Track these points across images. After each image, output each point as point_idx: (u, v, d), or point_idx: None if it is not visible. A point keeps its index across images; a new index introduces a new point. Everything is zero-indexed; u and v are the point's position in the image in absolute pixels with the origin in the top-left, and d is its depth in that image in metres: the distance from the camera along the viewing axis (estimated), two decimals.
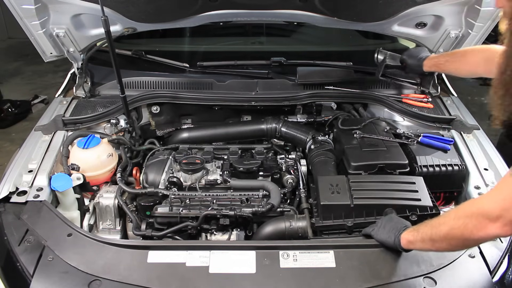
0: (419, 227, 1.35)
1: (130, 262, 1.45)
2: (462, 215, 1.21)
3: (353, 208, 1.65)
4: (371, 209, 1.65)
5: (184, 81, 2.47)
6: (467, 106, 2.38)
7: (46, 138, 2.07)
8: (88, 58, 2.39)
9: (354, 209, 1.65)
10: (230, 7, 2.12)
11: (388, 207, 1.64)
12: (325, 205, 1.66)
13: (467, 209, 1.23)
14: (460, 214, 1.23)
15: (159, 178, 1.95)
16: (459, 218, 1.21)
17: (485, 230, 1.15)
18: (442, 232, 1.25)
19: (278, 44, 3.03)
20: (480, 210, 1.16)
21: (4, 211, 1.65)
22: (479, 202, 1.24)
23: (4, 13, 7.12)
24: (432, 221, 1.32)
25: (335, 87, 2.43)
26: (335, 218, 1.66)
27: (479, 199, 1.28)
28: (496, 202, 1.14)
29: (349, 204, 1.65)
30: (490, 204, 1.15)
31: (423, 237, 1.32)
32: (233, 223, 1.78)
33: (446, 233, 1.24)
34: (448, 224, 1.24)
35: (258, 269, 1.42)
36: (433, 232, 1.27)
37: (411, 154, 1.98)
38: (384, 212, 1.63)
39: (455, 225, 1.21)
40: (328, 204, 1.66)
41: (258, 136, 2.33)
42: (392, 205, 1.64)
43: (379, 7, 2.10)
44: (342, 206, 1.65)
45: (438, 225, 1.27)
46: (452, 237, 1.23)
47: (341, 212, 1.66)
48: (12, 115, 5.04)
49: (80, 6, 2.07)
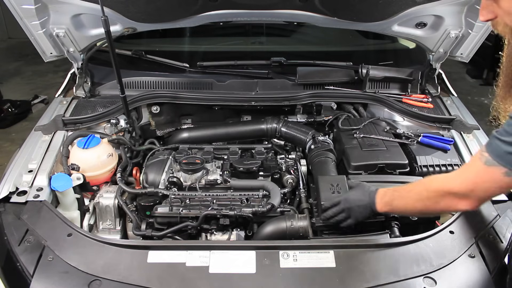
0: (392, 202, 1.48)
1: (130, 262, 1.45)
2: (433, 194, 1.34)
3: None
4: None
5: (184, 81, 2.47)
6: (467, 106, 2.38)
7: (46, 138, 2.07)
8: (88, 58, 2.39)
9: None
10: (230, 7, 2.12)
11: None
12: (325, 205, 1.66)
13: (438, 188, 1.34)
14: (432, 193, 1.35)
15: (159, 178, 1.95)
16: (430, 197, 1.35)
17: (455, 207, 1.32)
18: (417, 208, 1.43)
19: (278, 44, 3.03)
20: (450, 190, 1.29)
21: (4, 211, 1.65)
22: (448, 182, 1.32)
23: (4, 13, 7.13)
24: (403, 195, 1.46)
25: (335, 87, 2.43)
26: None
27: (448, 179, 1.35)
28: (463, 183, 1.26)
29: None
30: (459, 185, 1.27)
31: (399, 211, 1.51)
32: (233, 223, 1.78)
33: (421, 209, 1.42)
34: (422, 201, 1.38)
35: (258, 269, 1.42)
36: (408, 208, 1.45)
37: (411, 154, 1.98)
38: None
39: (428, 204, 1.37)
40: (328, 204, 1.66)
41: (258, 136, 2.33)
42: None
43: (379, 7, 2.09)
44: None
45: (413, 202, 1.42)
46: (426, 212, 1.46)
47: None
48: (12, 115, 5.04)
49: (80, 6, 2.07)
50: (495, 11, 1.18)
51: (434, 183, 1.37)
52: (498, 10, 1.17)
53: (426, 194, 1.37)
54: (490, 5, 1.18)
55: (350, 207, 1.57)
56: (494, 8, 1.18)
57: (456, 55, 2.37)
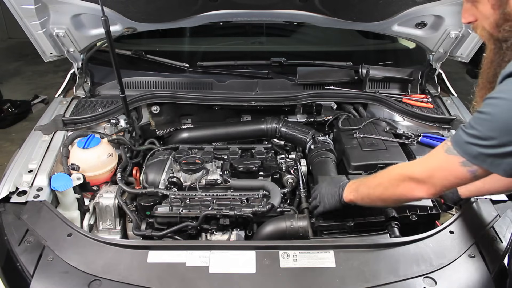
0: (358, 188, 1.54)
1: (130, 262, 1.45)
2: (394, 178, 1.38)
3: (353, 208, 1.64)
4: (371, 209, 1.64)
5: (184, 81, 2.47)
6: (467, 106, 2.38)
7: (46, 138, 2.07)
8: (88, 58, 2.39)
9: (354, 209, 1.64)
10: (230, 7, 2.12)
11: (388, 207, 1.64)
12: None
13: (399, 172, 1.38)
14: (392, 176, 1.39)
15: (159, 178, 1.95)
16: (391, 180, 1.39)
17: (413, 192, 1.32)
18: (377, 192, 1.44)
19: (278, 44, 3.03)
20: (410, 175, 1.32)
21: (4, 211, 1.65)
22: (409, 167, 1.38)
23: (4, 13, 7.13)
24: (368, 182, 1.51)
25: (335, 87, 2.43)
26: (335, 218, 1.66)
27: (410, 165, 1.42)
28: (423, 169, 1.29)
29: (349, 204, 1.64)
30: (419, 171, 1.30)
31: (362, 197, 1.52)
32: (233, 223, 1.78)
33: (381, 193, 1.43)
34: (382, 185, 1.42)
35: (258, 269, 1.42)
36: (370, 192, 1.48)
37: (411, 154, 1.98)
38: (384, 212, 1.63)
39: (388, 187, 1.40)
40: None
41: (258, 136, 2.33)
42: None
43: (379, 7, 2.09)
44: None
45: (374, 186, 1.46)
46: (385, 197, 1.43)
47: (341, 212, 1.65)
48: (12, 115, 5.04)
49: (80, 6, 2.07)
50: (475, 14, 1.24)
51: (397, 168, 1.42)
52: (478, 14, 1.23)
53: (388, 178, 1.41)
54: (470, 8, 1.24)
55: (321, 195, 1.65)
56: (474, 11, 1.23)
57: (456, 55, 2.37)
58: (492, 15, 1.18)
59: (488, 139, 1.10)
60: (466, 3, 1.25)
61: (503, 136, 1.08)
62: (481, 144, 1.12)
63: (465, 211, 1.62)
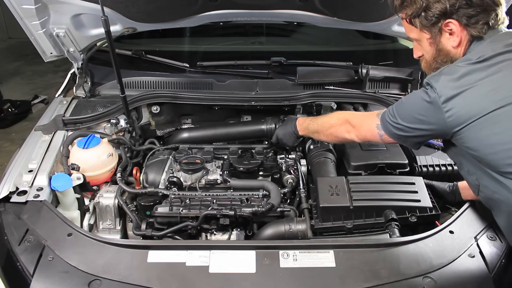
0: (309, 125, 1.91)
1: (130, 262, 1.45)
2: (340, 118, 1.75)
3: (352, 210, 1.64)
4: (371, 211, 1.65)
5: (184, 81, 2.47)
6: None
7: (46, 138, 2.07)
8: (88, 58, 2.39)
9: (354, 210, 1.64)
10: (230, 7, 2.12)
11: (388, 208, 1.64)
12: (324, 207, 1.66)
13: (344, 115, 1.76)
14: (340, 118, 1.75)
15: (159, 178, 1.96)
16: (338, 120, 1.75)
17: (348, 133, 1.70)
18: (324, 129, 1.82)
19: (278, 44, 3.04)
20: (351, 120, 1.70)
21: (4, 211, 1.65)
22: (353, 115, 1.76)
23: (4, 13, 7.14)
24: (320, 120, 1.88)
25: (335, 87, 2.43)
26: (334, 220, 1.66)
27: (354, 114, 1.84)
28: (359, 120, 1.68)
29: (348, 206, 1.64)
30: (357, 120, 1.69)
31: (312, 132, 1.90)
32: (233, 223, 1.78)
33: (326, 130, 1.80)
34: (330, 123, 1.79)
35: (258, 269, 1.42)
36: (319, 129, 1.85)
37: (411, 154, 1.98)
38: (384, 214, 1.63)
39: (334, 125, 1.76)
40: (327, 206, 1.66)
41: (258, 137, 2.33)
42: (391, 206, 1.64)
43: (379, 7, 2.08)
44: (341, 208, 1.65)
45: (323, 123, 1.84)
46: (330, 133, 1.79)
47: (340, 214, 1.65)
48: (12, 115, 5.04)
49: (80, 6, 2.07)
50: (421, 50, 1.54)
51: (344, 113, 1.83)
52: (422, 50, 1.53)
53: (336, 118, 1.77)
54: (417, 46, 1.55)
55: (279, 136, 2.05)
56: (420, 48, 1.54)
57: None
58: (431, 50, 1.50)
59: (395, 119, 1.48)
60: (414, 42, 1.56)
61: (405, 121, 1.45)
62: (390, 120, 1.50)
63: (465, 211, 1.62)
